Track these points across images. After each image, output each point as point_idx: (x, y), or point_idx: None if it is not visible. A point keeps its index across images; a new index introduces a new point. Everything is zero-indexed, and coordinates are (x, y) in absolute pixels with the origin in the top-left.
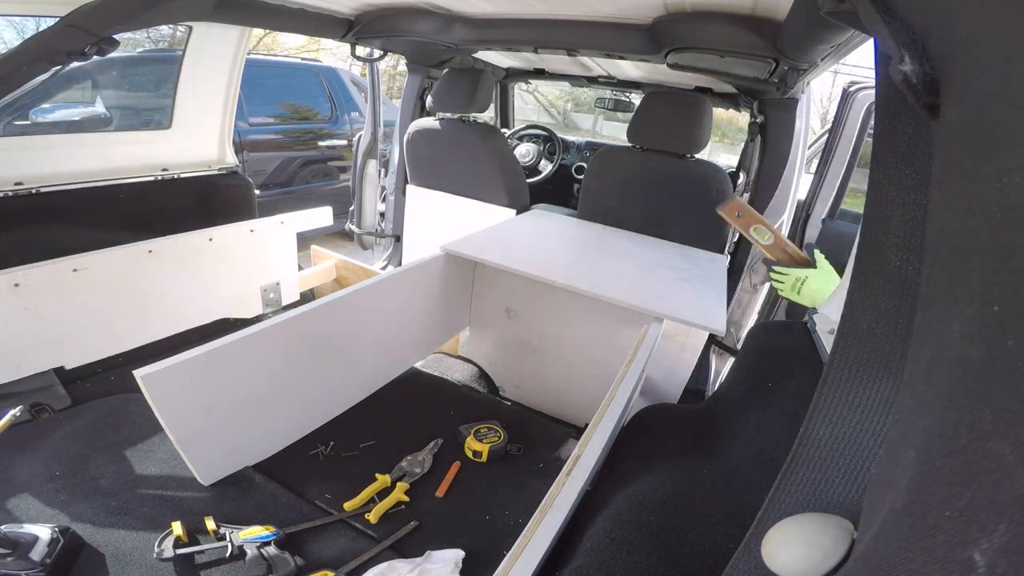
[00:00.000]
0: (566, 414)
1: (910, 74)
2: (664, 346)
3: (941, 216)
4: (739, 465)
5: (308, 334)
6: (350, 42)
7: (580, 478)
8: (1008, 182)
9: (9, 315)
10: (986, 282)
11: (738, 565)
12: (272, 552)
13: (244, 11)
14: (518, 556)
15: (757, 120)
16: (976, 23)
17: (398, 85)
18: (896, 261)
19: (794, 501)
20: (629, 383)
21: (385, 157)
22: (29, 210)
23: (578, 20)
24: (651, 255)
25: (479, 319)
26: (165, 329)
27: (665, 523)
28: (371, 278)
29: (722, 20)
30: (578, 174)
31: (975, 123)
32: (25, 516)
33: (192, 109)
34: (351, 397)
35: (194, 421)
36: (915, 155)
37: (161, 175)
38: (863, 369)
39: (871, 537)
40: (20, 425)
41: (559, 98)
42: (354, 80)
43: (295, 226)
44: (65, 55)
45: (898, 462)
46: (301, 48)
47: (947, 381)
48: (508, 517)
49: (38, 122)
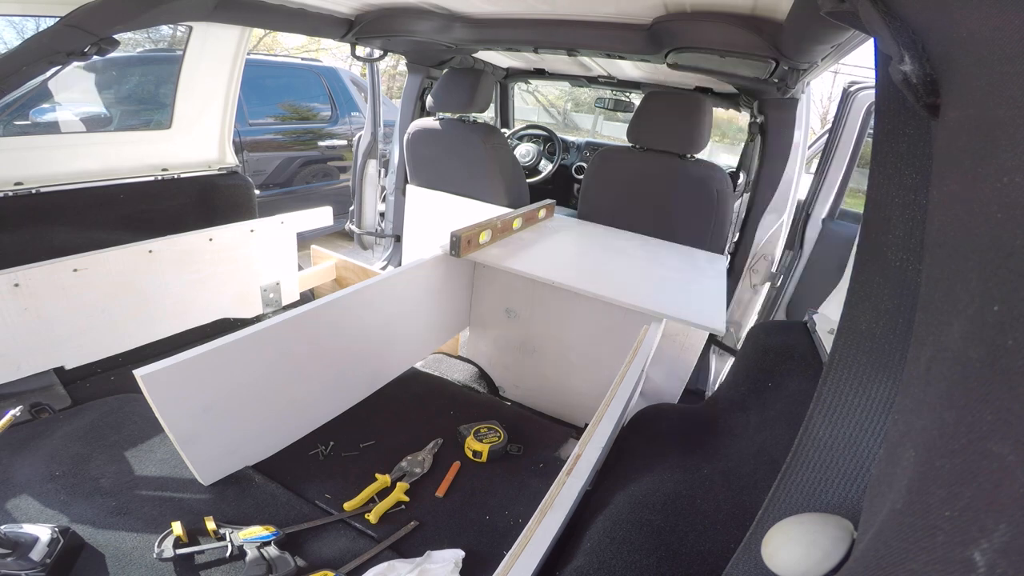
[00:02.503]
0: (566, 414)
1: (910, 74)
2: (664, 346)
3: (941, 216)
4: (739, 465)
5: (308, 334)
6: (350, 42)
7: (580, 478)
8: (1008, 182)
9: (9, 315)
10: (986, 282)
11: (738, 565)
12: (272, 552)
13: (244, 11)
14: (518, 556)
15: (757, 120)
16: (976, 23)
17: (398, 85)
18: (896, 261)
19: (794, 501)
20: (629, 383)
21: (385, 157)
22: (29, 210)
23: (578, 20)
24: (651, 255)
25: (479, 319)
26: (165, 329)
27: (665, 523)
28: (371, 278)
29: (722, 20)
30: (578, 174)
31: (975, 123)
32: (25, 516)
33: (192, 109)
34: (351, 397)
35: (194, 421)
36: (915, 155)
37: (161, 175)
38: (863, 369)
39: (871, 537)
40: (20, 425)
41: (559, 98)
42: (354, 80)
43: (295, 226)
44: (65, 55)
45: (898, 462)
46: (301, 48)
47: (947, 381)
48: (508, 517)
49: (38, 122)
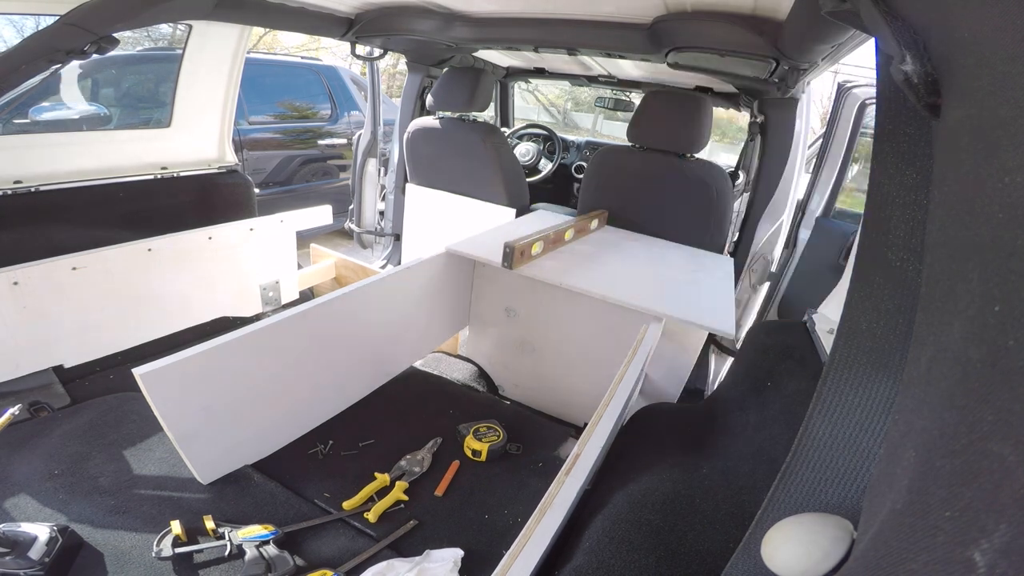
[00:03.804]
0: (565, 413)
1: (911, 74)
2: (663, 346)
3: (942, 216)
4: (738, 464)
5: (307, 333)
6: (350, 41)
7: (579, 477)
8: (1010, 182)
9: (8, 314)
10: (987, 282)
11: (737, 565)
12: (271, 551)
13: (244, 10)
14: (517, 555)
15: (757, 120)
16: (978, 23)
17: (398, 84)
18: (896, 261)
19: (794, 501)
20: (628, 382)
21: (385, 156)
22: (28, 208)
23: (579, 19)
24: (652, 255)
25: (479, 318)
26: (164, 328)
27: (664, 522)
28: (370, 277)
29: (723, 20)
30: (578, 173)
31: (976, 123)
32: (23, 515)
33: (192, 108)
34: (350, 396)
35: (193, 420)
36: (916, 155)
37: (161, 174)
38: (863, 369)
39: (871, 537)
40: (19, 424)
41: (559, 97)
42: (354, 79)
43: (294, 225)
44: (65, 54)
45: (898, 462)
46: (301, 47)
47: (948, 381)
48: (507, 516)
49: (37, 120)
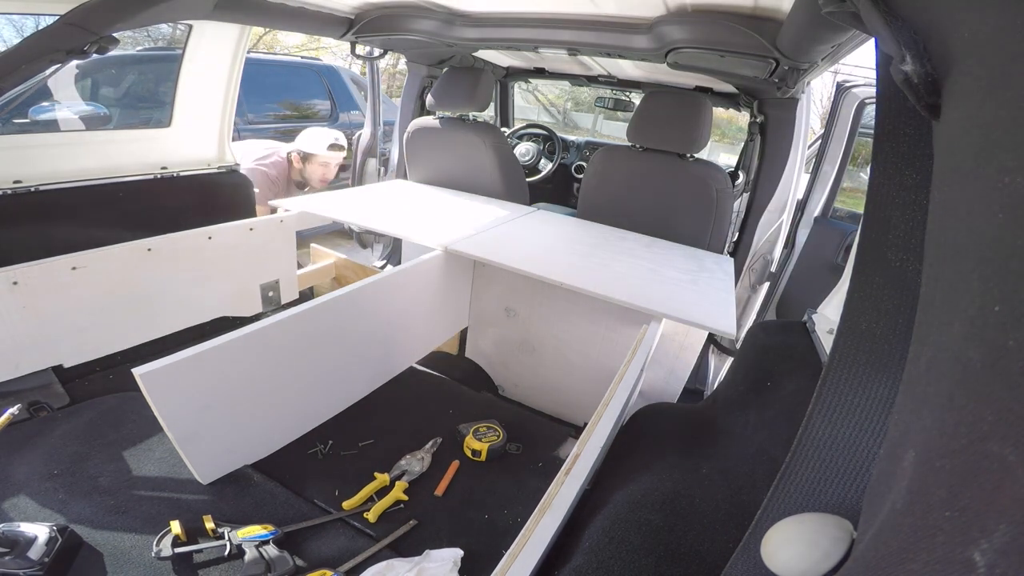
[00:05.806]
0: (565, 413)
1: (911, 74)
2: (663, 346)
3: (942, 216)
4: (738, 464)
5: (307, 333)
6: (350, 40)
7: (579, 477)
8: (1009, 182)
9: (7, 313)
10: (987, 282)
11: (737, 565)
12: (271, 551)
13: (244, 10)
14: (517, 555)
15: (757, 120)
16: (978, 23)
17: (398, 84)
18: (896, 261)
19: (793, 501)
20: (628, 382)
21: (385, 155)
22: (28, 208)
23: (579, 19)
24: (652, 255)
25: (478, 318)
26: (164, 327)
27: (664, 522)
28: (370, 277)
29: (723, 20)
30: (578, 173)
31: (976, 123)
32: (23, 515)
33: (192, 107)
34: (350, 396)
35: (193, 420)
36: (916, 155)
37: (160, 173)
38: (862, 369)
39: (871, 537)
40: (18, 424)
41: (559, 97)
42: (354, 79)
43: (294, 224)
44: (65, 53)
45: (898, 462)
46: (301, 46)
47: (947, 381)
48: (507, 516)
49: (37, 120)
